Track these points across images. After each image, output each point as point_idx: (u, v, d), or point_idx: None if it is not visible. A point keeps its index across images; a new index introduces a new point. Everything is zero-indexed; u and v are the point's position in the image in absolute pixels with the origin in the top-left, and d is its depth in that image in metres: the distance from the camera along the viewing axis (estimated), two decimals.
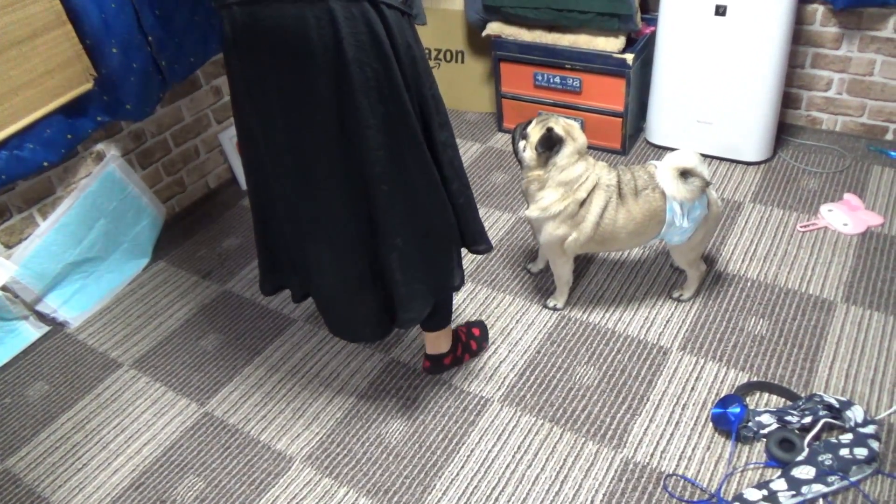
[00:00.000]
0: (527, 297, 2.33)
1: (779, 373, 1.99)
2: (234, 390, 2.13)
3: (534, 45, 2.86)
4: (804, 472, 1.69)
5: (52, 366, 2.29)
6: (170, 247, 2.73)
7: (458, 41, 3.20)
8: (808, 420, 1.81)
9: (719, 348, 2.09)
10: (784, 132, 2.92)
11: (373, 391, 2.08)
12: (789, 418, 1.82)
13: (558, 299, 2.27)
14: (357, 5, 1.36)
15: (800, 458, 1.73)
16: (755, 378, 1.99)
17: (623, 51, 2.74)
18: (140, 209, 2.60)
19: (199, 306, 2.46)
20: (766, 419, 1.83)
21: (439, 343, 2.03)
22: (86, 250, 2.43)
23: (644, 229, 2.04)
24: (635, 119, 2.97)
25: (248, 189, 1.76)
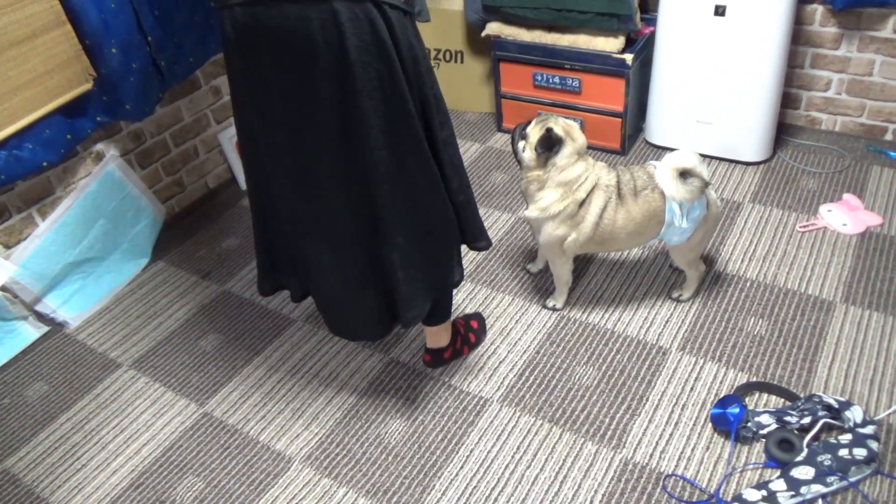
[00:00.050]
0: (526, 298, 2.33)
1: (778, 373, 1.99)
2: (233, 390, 2.13)
3: (533, 45, 2.86)
4: (803, 472, 1.70)
5: (51, 366, 2.29)
6: (169, 247, 2.73)
7: (457, 41, 3.20)
8: (807, 420, 1.81)
9: (718, 348, 2.09)
10: (783, 132, 2.92)
11: (372, 391, 2.08)
12: (788, 419, 1.82)
13: (557, 299, 2.27)
14: (361, 6, 1.37)
15: (799, 458, 1.73)
16: (754, 378, 1.99)
17: (622, 51, 2.74)
18: (139, 209, 2.60)
19: (199, 306, 2.46)
20: (765, 419, 1.83)
21: (440, 337, 2.04)
22: (85, 250, 2.43)
23: (643, 230, 2.04)
24: (635, 119, 2.97)
25: (247, 189, 1.76)
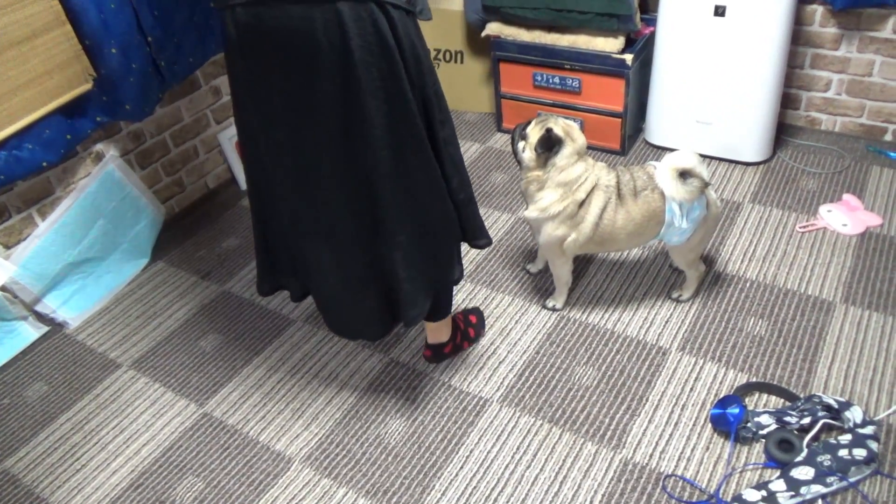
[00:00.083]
0: (526, 298, 2.33)
1: (778, 373, 1.99)
2: (233, 391, 2.13)
3: (533, 45, 2.86)
4: (803, 472, 1.70)
5: (51, 366, 2.29)
6: (169, 247, 2.73)
7: (457, 41, 3.20)
8: (806, 421, 1.81)
9: (718, 349, 2.09)
10: (783, 132, 2.92)
11: (372, 391, 2.08)
12: (788, 419, 1.82)
13: (557, 300, 2.27)
14: (364, 6, 1.37)
15: (799, 458, 1.73)
16: (754, 378, 1.99)
17: (622, 51, 2.74)
18: (139, 209, 2.60)
19: (199, 307, 2.46)
20: (765, 420, 1.83)
21: (440, 333, 2.05)
22: (85, 251, 2.43)
23: (643, 230, 2.04)
24: (634, 119, 2.97)
25: (247, 189, 1.76)
